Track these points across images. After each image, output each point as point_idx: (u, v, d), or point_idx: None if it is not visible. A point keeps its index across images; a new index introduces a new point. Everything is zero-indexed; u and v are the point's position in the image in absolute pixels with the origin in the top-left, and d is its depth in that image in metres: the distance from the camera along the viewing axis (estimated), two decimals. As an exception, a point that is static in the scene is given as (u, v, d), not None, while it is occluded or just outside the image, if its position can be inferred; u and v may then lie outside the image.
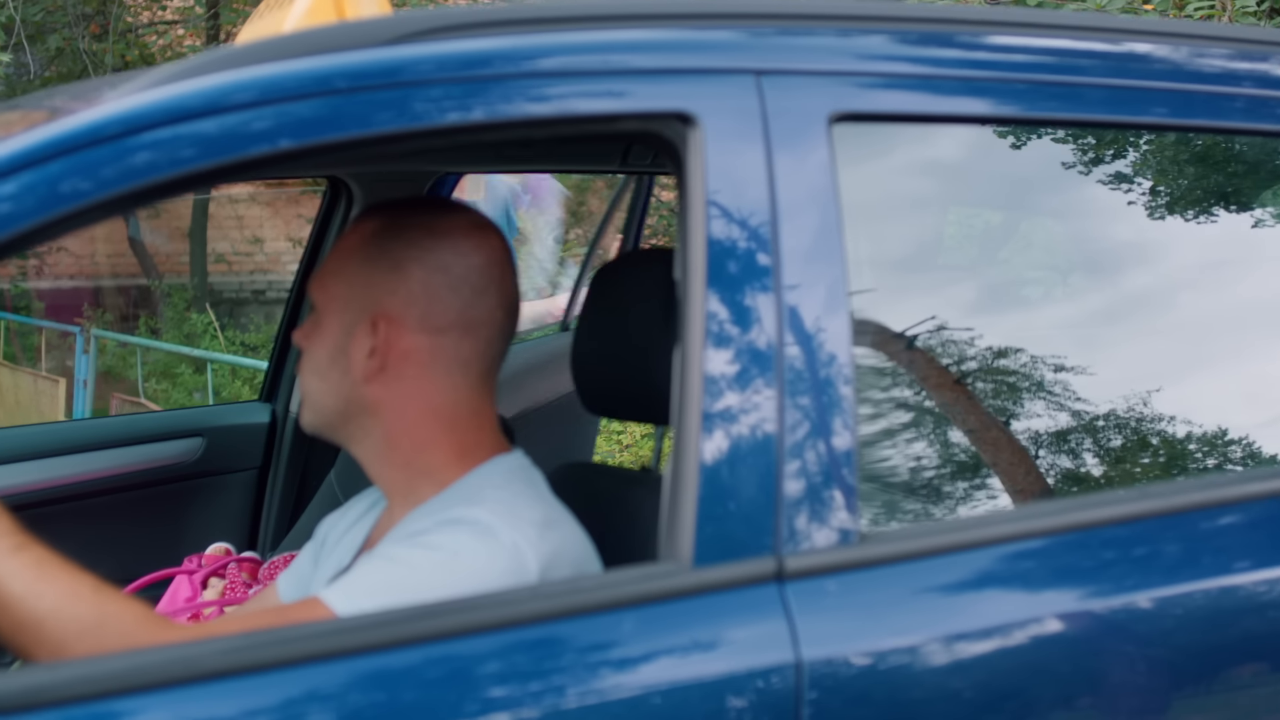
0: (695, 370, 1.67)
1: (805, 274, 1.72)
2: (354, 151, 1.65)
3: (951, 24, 1.93)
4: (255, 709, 1.45)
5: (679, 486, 1.65)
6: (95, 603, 1.66)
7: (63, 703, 1.43)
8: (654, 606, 1.60)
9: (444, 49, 1.69)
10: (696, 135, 1.73)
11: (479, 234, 1.97)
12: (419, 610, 1.57)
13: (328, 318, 1.97)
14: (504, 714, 1.51)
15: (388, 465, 1.96)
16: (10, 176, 1.51)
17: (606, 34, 1.78)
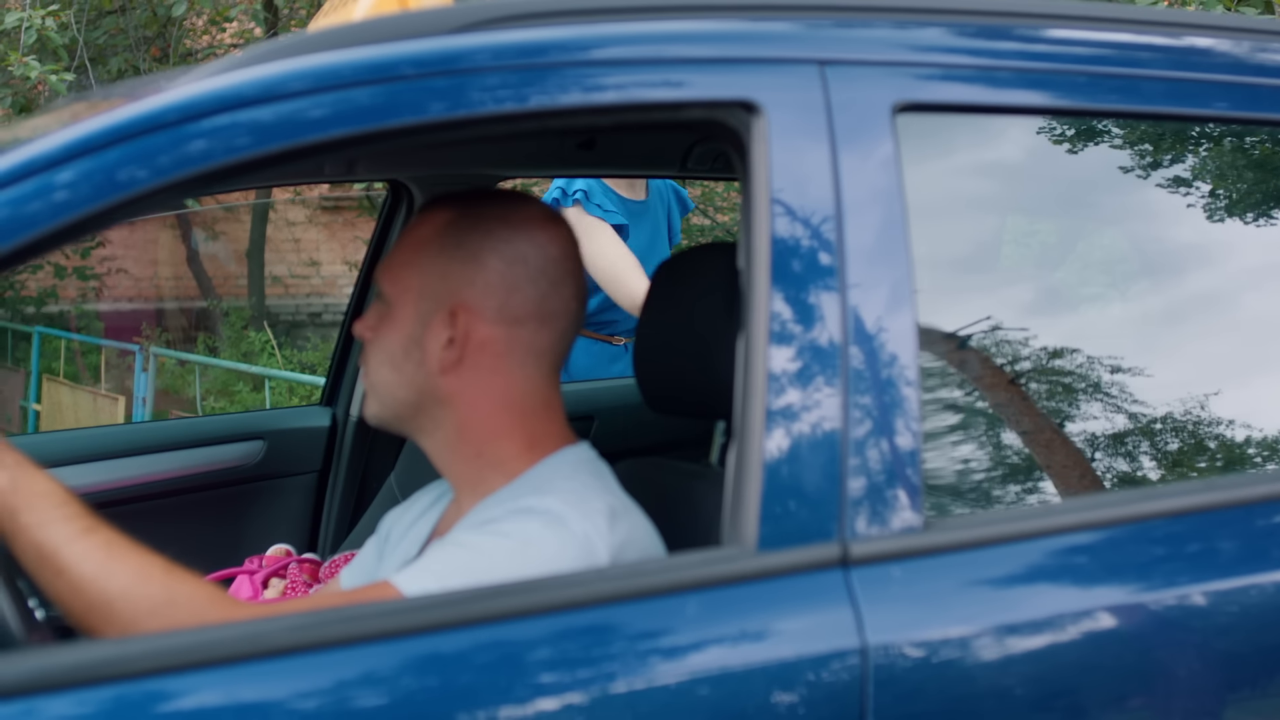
0: (759, 359, 1.67)
1: (870, 264, 1.72)
2: (410, 139, 1.66)
3: (1012, 16, 1.94)
4: (311, 690, 1.46)
5: (743, 472, 1.65)
6: (165, 583, 1.68)
7: (131, 677, 1.44)
8: (718, 590, 1.60)
9: (503, 38, 1.70)
10: (760, 124, 1.73)
11: (553, 226, 1.98)
12: (482, 591, 1.58)
13: (401, 308, 1.97)
14: (562, 698, 1.51)
15: (458, 456, 1.96)
16: (68, 164, 1.53)
17: (671, 25, 1.79)
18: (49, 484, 1.72)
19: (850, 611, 1.61)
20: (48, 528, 1.68)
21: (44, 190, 1.51)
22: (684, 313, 2.06)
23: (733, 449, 1.69)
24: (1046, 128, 2.05)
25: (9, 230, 1.50)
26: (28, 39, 7.77)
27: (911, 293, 1.73)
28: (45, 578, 1.68)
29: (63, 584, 1.67)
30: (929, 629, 1.64)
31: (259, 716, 1.44)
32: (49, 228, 1.51)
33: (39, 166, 1.53)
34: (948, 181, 2.01)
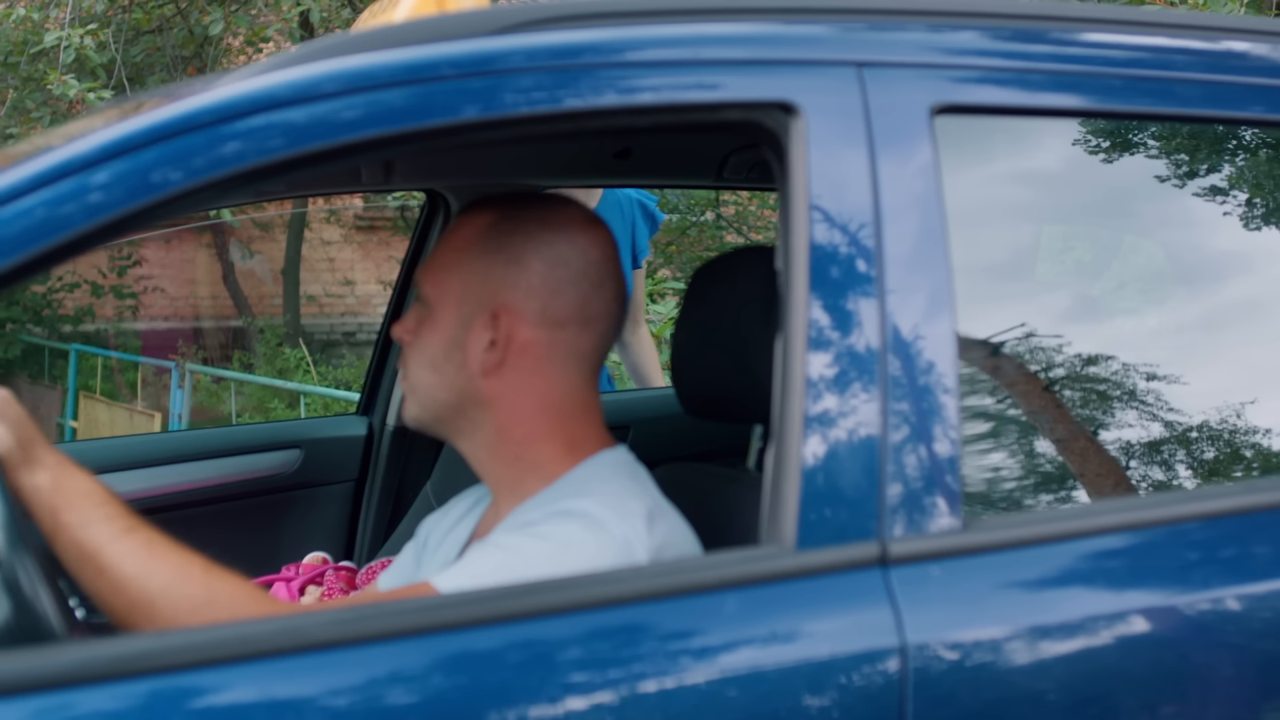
0: (797, 361, 1.67)
1: (908, 266, 1.72)
2: (443, 140, 1.67)
3: (1049, 20, 1.94)
4: (343, 687, 1.46)
5: (781, 472, 1.65)
6: (205, 581, 1.68)
7: (166, 670, 1.44)
8: (757, 589, 1.60)
9: (540, 39, 1.71)
10: (798, 125, 1.73)
11: (593, 229, 1.98)
12: (519, 588, 1.58)
13: (442, 310, 1.98)
14: (596, 696, 1.51)
15: (496, 459, 1.97)
16: (104, 164, 1.54)
17: (708, 27, 1.80)
18: (90, 483, 1.73)
19: (890, 611, 1.60)
20: (89, 527, 1.69)
21: (79, 191, 1.52)
22: (721, 316, 2.06)
23: (771, 449, 1.69)
24: (1083, 132, 2.05)
25: (44, 232, 1.51)
26: (66, 58, 7.82)
27: (950, 295, 1.73)
28: (86, 577, 1.69)
29: (104, 583, 1.68)
30: (969, 629, 1.63)
31: (292, 713, 1.44)
32: (83, 229, 1.52)
33: (75, 167, 1.54)
34: (985, 184, 2.00)
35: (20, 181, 1.53)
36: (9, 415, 1.72)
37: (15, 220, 1.51)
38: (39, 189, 1.52)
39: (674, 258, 11.28)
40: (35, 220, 1.51)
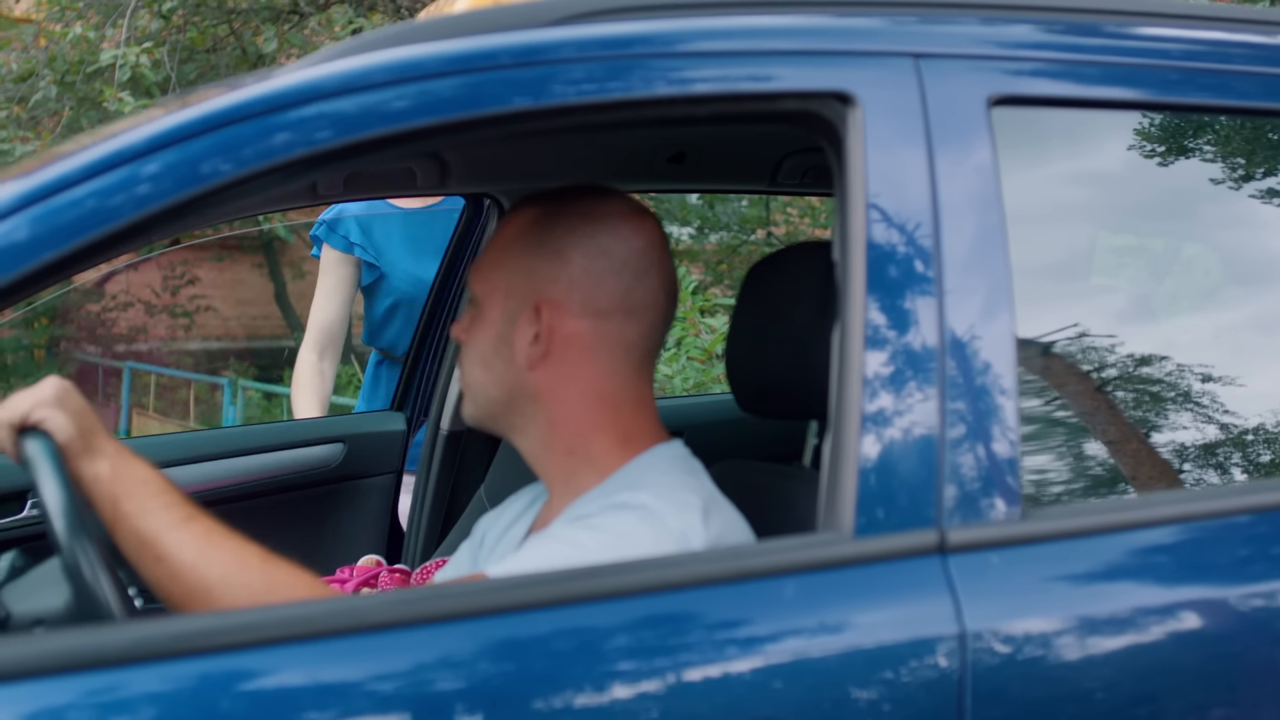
0: (856, 346, 1.67)
1: (965, 252, 1.72)
2: (492, 129, 1.68)
3: (1105, 14, 1.93)
4: (392, 672, 1.46)
5: (839, 460, 1.64)
6: (264, 571, 1.69)
7: (230, 649, 1.45)
8: (815, 575, 1.60)
9: (595, 31, 1.72)
10: (855, 115, 1.73)
11: (637, 218, 1.98)
12: (579, 571, 1.59)
13: (489, 308, 1.99)
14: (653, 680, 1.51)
15: (550, 453, 1.97)
16: (153, 155, 1.55)
17: (765, 20, 1.80)
18: (149, 472, 1.74)
19: (949, 598, 1.60)
20: (148, 515, 1.70)
21: (129, 182, 1.53)
22: (777, 312, 2.05)
23: (828, 438, 1.68)
24: (1140, 126, 2.04)
25: (93, 222, 1.52)
26: (122, 76, 7.90)
27: (1007, 281, 1.72)
28: (145, 565, 1.70)
29: (162, 571, 1.69)
30: (1028, 617, 1.62)
31: (339, 696, 1.44)
32: (132, 220, 1.53)
33: (125, 157, 1.55)
34: (1042, 176, 2.00)
35: (71, 172, 1.54)
36: (70, 405, 1.73)
37: (66, 210, 1.52)
38: (90, 179, 1.54)
39: (724, 276, 11.27)
40: (85, 211, 1.52)
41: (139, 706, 1.39)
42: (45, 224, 1.51)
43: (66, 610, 1.64)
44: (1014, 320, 1.71)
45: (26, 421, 1.72)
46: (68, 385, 1.77)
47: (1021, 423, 1.71)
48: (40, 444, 1.70)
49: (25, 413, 1.72)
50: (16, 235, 1.50)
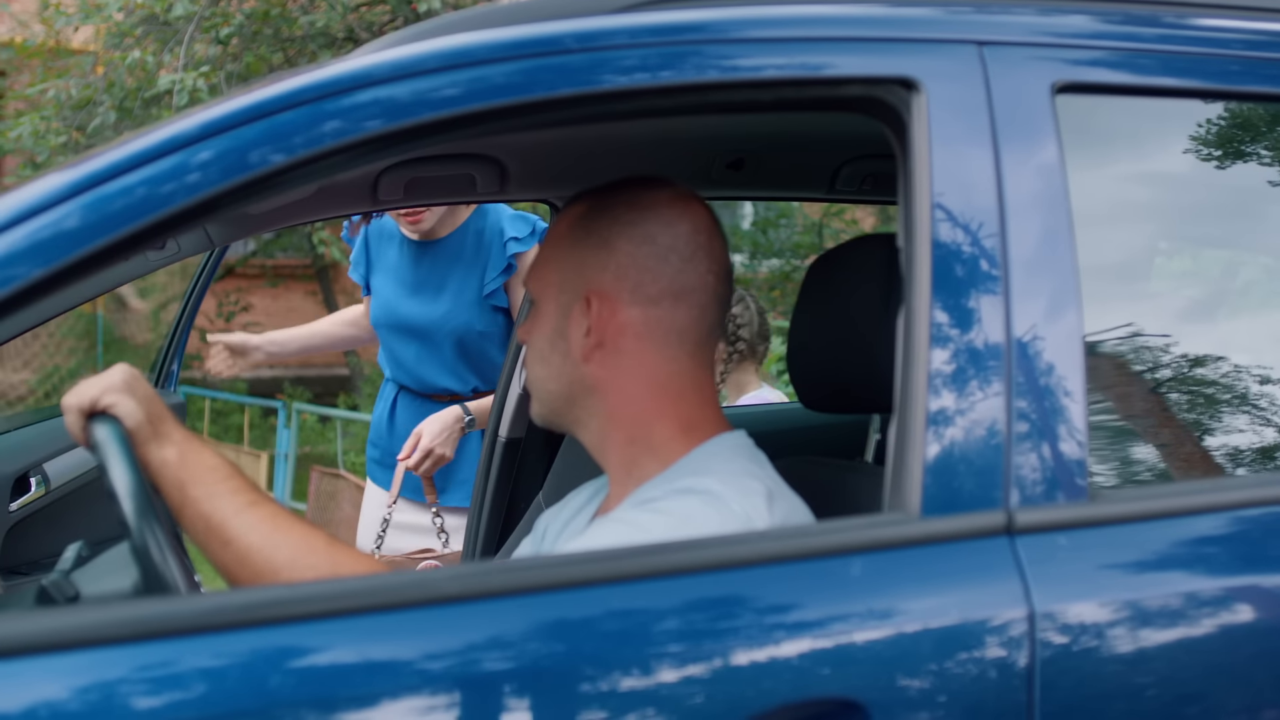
0: (921, 326, 1.67)
1: (1030, 235, 1.72)
2: (545, 114, 1.69)
3: (1167, 5, 1.94)
4: (438, 651, 1.47)
5: (905, 439, 1.64)
6: (329, 554, 1.71)
7: (302, 619, 1.46)
8: (882, 554, 1.60)
9: (662, 18, 1.74)
10: (920, 101, 1.74)
11: (682, 203, 1.98)
12: (652, 547, 1.59)
13: (545, 305, 2.00)
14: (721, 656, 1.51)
15: (611, 443, 1.97)
16: (204, 142, 1.57)
17: (831, 8, 1.82)
18: (215, 459, 1.76)
19: (1018, 579, 1.59)
20: (215, 500, 1.72)
21: (181, 169, 1.55)
22: (838, 306, 2.05)
23: (893, 420, 1.68)
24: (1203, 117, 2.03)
25: (142, 209, 1.54)
26: (180, 100, 7.97)
27: (1073, 264, 1.72)
28: (212, 549, 1.72)
29: (230, 554, 1.71)
30: (1097, 598, 1.62)
31: (387, 672, 1.45)
32: (181, 206, 1.55)
33: (177, 145, 1.57)
34: (1106, 164, 1.99)
35: (122, 159, 1.56)
36: (138, 391, 1.75)
37: (117, 197, 1.54)
38: (141, 166, 1.55)
39: (778, 302, 11.28)
40: (136, 198, 1.54)
41: (190, 681, 1.39)
42: (96, 211, 1.53)
43: (135, 591, 1.65)
44: (1081, 301, 1.71)
45: (96, 406, 1.74)
46: (136, 372, 1.79)
47: (1089, 407, 1.70)
48: (109, 428, 1.72)
49: (94, 398, 1.74)
50: (68, 222, 1.52)
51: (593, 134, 2.67)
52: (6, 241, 1.50)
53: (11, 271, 1.49)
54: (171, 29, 9.07)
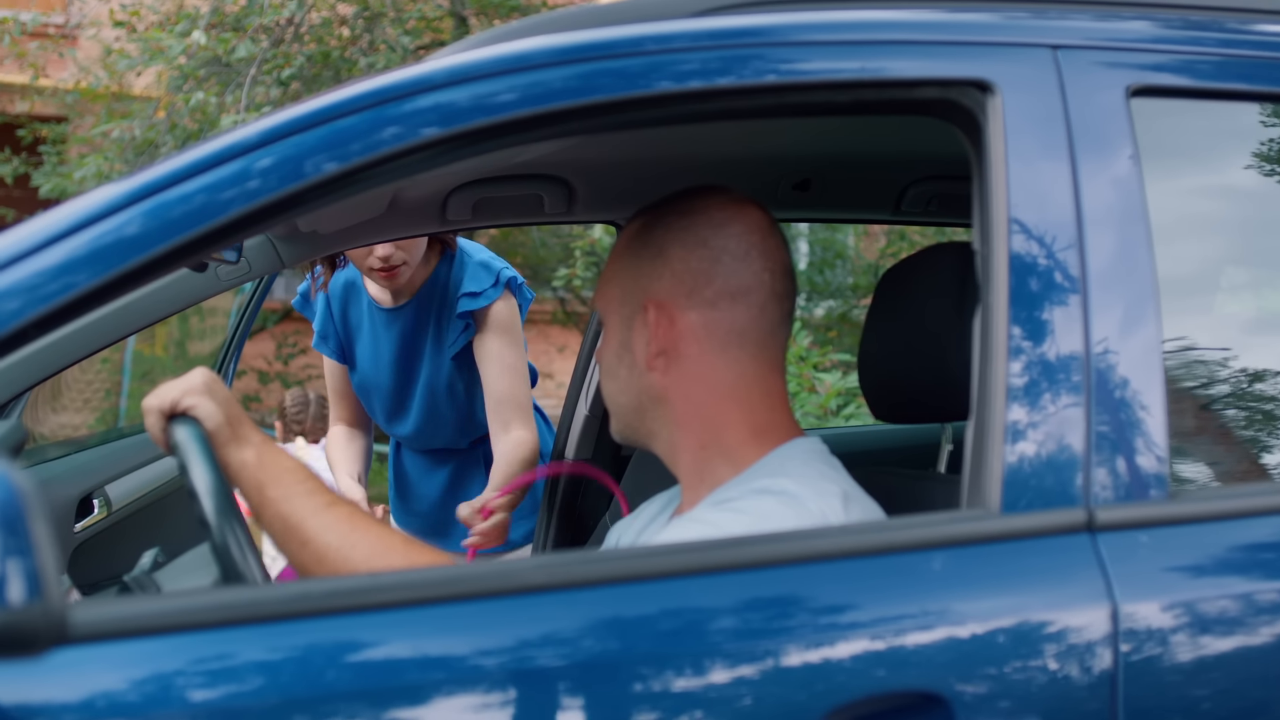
0: (1000, 322, 1.67)
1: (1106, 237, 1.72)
2: (604, 118, 1.70)
3: (1243, 13, 1.94)
4: (492, 648, 1.47)
5: (984, 438, 1.64)
6: (405, 553, 1.72)
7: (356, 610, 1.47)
8: (963, 549, 1.59)
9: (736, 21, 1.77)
10: (995, 103, 1.74)
11: (733, 206, 1.98)
12: (733, 540, 1.60)
13: (610, 320, 2.01)
14: (801, 650, 1.51)
15: (683, 451, 1.96)
16: (264, 149, 1.59)
17: (905, 13, 1.82)
18: (291, 461, 1.78)
19: (1099, 575, 1.58)
20: (293, 501, 1.74)
21: (241, 176, 1.57)
22: (911, 315, 2.05)
23: (971, 421, 1.68)
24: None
25: (200, 216, 1.56)
26: (242, 141, 8.04)
27: (1150, 261, 1.72)
28: (291, 548, 1.74)
29: (308, 554, 1.72)
30: (1179, 595, 1.61)
31: (442, 666, 1.45)
32: (240, 213, 1.57)
33: (235, 152, 1.59)
34: (1181, 168, 1.99)
35: (182, 167, 1.58)
36: (218, 394, 1.77)
37: (177, 204, 1.56)
38: (200, 174, 1.57)
39: (833, 342, 11.27)
40: (195, 206, 1.56)
41: (246, 673, 1.40)
42: (156, 218, 1.55)
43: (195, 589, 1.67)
44: (1159, 302, 1.71)
45: (176, 408, 1.76)
46: (215, 376, 1.81)
47: (1168, 406, 1.69)
48: (189, 430, 1.74)
49: (175, 400, 1.76)
50: (129, 229, 1.54)
51: (659, 154, 2.69)
52: (69, 247, 1.52)
53: (74, 278, 1.50)
54: (233, 71, 9.18)
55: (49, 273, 1.49)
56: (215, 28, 9.07)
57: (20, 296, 1.47)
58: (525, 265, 14.34)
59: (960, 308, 1.88)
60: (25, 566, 1.13)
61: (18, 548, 1.13)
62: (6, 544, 1.12)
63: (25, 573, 1.13)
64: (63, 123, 13.00)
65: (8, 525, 1.13)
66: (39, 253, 1.51)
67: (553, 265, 13.29)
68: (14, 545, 1.12)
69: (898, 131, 2.60)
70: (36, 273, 1.49)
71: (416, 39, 9.74)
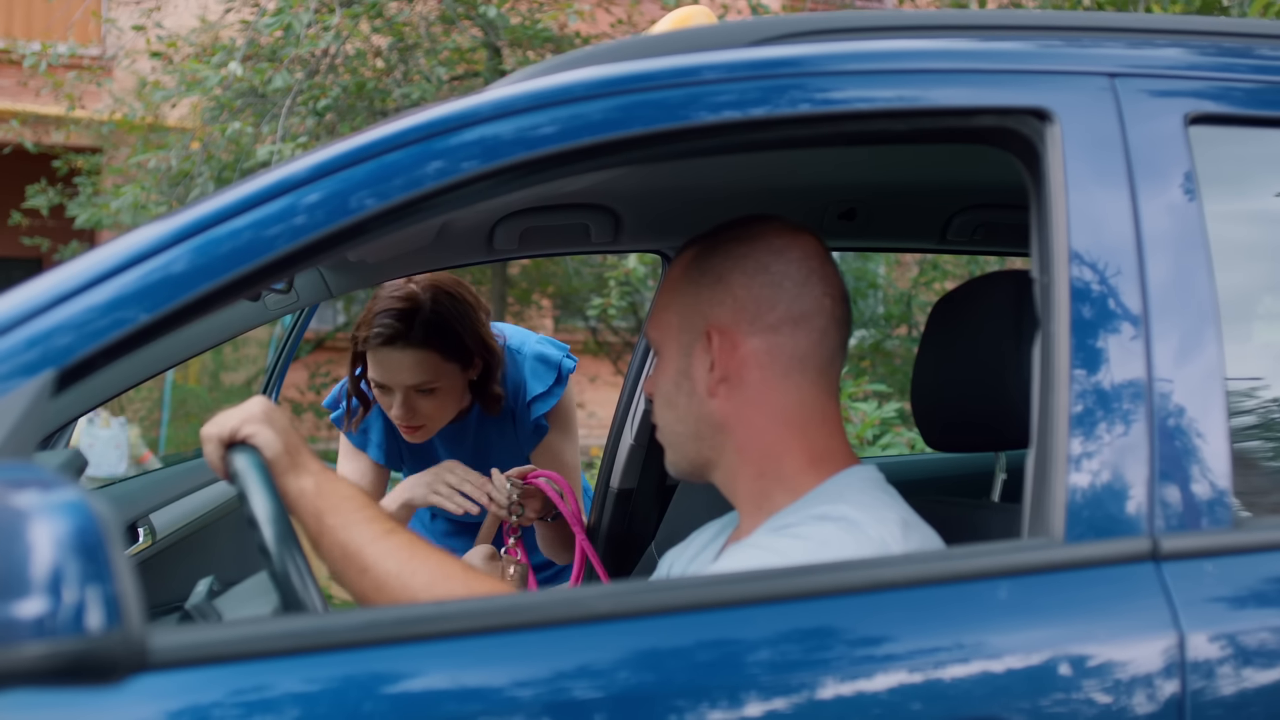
0: (1062, 347, 1.66)
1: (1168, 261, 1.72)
2: (644, 150, 1.71)
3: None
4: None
5: (1047, 466, 1.63)
6: (465, 581, 1.72)
7: (440, 636, 1.47)
8: (1027, 578, 1.58)
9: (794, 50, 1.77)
10: (1054, 131, 1.74)
11: (790, 232, 1.99)
12: (794, 569, 1.60)
13: (666, 348, 2.01)
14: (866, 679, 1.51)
15: (742, 479, 1.96)
16: (312, 184, 1.59)
17: (963, 43, 1.83)
18: (350, 489, 1.78)
19: (1165, 605, 1.58)
20: (352, 529, 1.74)
21: (288, 212, 1.58)
22: (966, 343, 2.04)
23: (1032, 449, 1.67)
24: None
25: (248, 254, 1.56)
26: (278, 170, 8.08)
27: (1209, 277, 1.72)
28: (349, 576, 1.73)
29: (367, 582, 1.72)
30: (1246, 624, 1.60)
31: (478, 698, 1.44)
32: (288, 249, 1.57)
33: (285, 188, 1.59)
34: (1240, 195, 1.99)
35: (231, 203, 1.58)
36: (277, 422, 1.78)
37: (225, 241, 1.56)
38: (249, 210, 1.58)
39: (867, 372, 11.25)
40: (242, 242, 1.56)
41: (283, 705, 1.39)
42: (204, 254, 1.55)
43: (275, 616, 1.67)
44: (1220, 329, 1.70)
45: (235, 437, 1.77)
46: (273, 404, 1.81)
47: (1230, 435, 1.68)
48: (249, 458, 1.74)
49: (234, 428, 1.77)
50: (176, 266, 1.54)
51: (705, 184, 2.69)
52: (118, 285, 1.52)
53: (122, 314, 1.50)
54: (269, 102, 9.22)
55: (100, 308, 1.49)
56: (251, 59, 9.11)
57: (71, 332, 1.48)
58: (557, 295, 14.37)
59: (1017, 336, 1.88)
60: (105, 593, 1.13)
61: (96, 574, 1.13)
62: (86, 570, 1.12)
63: (105, 599, 1.13)
64: (97, 153, 13.08)
65: (87, 552, 1.13)
66: (90, 289, 1.51)
67: (585, 295, 13.32)
68: (93, 571, 1.13)
69: (944, 160, 2.60)
70: (88, 308, 1.49)
71: (450, 70, 9.77)
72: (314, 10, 8.64)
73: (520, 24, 9.77)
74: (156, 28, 10.07)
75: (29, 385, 1.42)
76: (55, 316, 1.48)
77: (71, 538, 1.13)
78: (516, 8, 9.96)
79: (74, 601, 1.12)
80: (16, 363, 1.44)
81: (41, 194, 12.13)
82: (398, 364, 3.06)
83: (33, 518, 1.14)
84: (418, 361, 3.06)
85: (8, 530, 1.15)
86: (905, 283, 13.26)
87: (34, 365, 1.44)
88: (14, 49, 12.15)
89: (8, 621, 1.13)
